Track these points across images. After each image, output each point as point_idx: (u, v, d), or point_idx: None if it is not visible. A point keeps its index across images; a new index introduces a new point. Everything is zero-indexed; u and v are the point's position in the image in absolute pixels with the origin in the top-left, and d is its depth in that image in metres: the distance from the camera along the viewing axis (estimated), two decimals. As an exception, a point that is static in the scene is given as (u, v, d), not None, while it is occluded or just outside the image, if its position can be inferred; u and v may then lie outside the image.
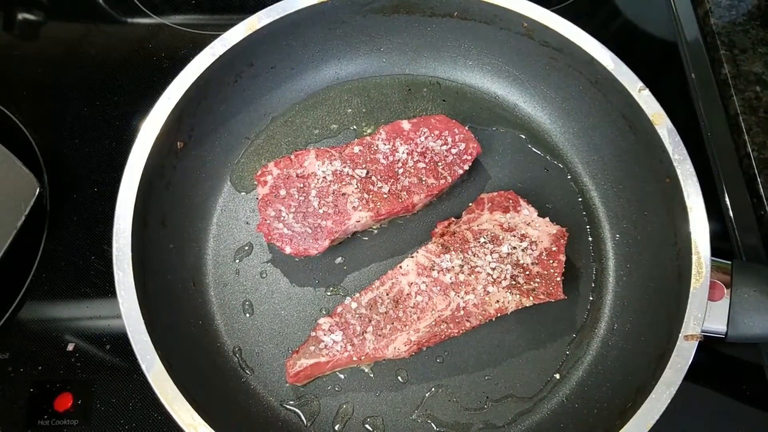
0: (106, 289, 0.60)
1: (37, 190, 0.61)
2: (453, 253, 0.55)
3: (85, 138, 0.67)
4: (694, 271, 0.49)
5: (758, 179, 0.63)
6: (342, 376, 0.56)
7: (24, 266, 0.61)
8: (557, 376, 0.55)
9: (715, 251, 0.50)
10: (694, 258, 0.50)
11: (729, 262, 0.51)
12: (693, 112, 0.68)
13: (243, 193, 0.63)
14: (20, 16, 0.78)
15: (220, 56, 0.58)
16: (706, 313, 0.48)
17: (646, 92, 0.55)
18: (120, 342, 0.58)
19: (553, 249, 0.55)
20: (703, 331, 0.48)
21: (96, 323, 0.59)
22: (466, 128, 0.61)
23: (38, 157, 0.66)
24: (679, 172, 0.52)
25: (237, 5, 0.73)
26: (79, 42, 0.75)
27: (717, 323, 0.49)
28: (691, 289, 0.49)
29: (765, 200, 0.62)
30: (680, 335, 0.47)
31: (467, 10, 0.62)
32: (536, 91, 0.65)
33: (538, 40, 0.61)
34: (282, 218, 0.56)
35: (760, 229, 0.62)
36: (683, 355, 0.47)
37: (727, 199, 0.64)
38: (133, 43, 0.73)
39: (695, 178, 0.52)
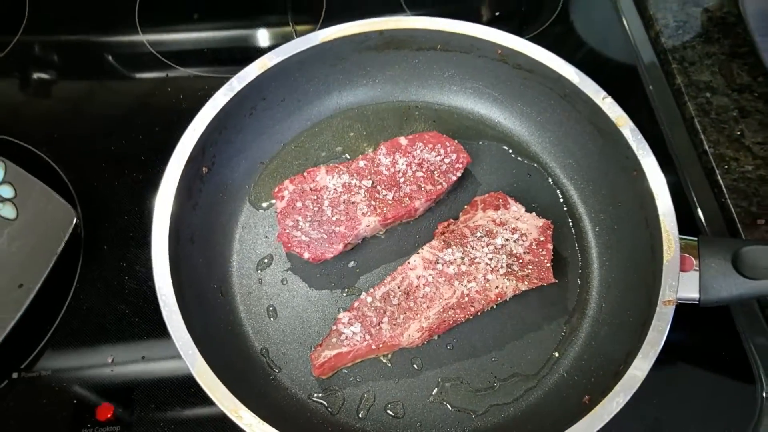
0: (140, 305, 0.66)
1: (75, 220, 0.67)
2: (454, 247, 0.62)
3: (114, 172, 0.74)
4: (665, 248, 0.56)
5: (716, 171, 0.71)
6: (362, 367, 0.61)
7: (63, 289, 0.67)
8: (556, 354, 0.61)
9: (683, 231, 0.58)
10: (664, 236, 0.57)
11: (695, 239, 0.58)
12: (654, 119, 0.77)
13: (261, 211, 0.70)
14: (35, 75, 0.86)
15: (237, 92, 0.66)
16: (679, 281, 0.55)
17: (609, 99, 0.64)
18: (156, 352, 0.63)
19: (541, 239, 0.63)
20: (678, 299, 0.55)
21: (132, 336, 0.64)
22: (456, 141, 0.69)
23: (71, 191, 0.72)
24: (643, 164, 0.60)
25: (239, 57, 0.79)
26: (101, 88, 0.83)
27: (690, 291, 0.56)
28: (665, 262, 0.56)
29: (724, 189, 0.70)
30: (659, 302, 0.54)
31: (448, 43, 0.71)
32: (514, 108, 0.74)
33: (512, 63, 0.70)
34: (299, 227, 0.63)
35: (723, 215, 0.70)
36: (663, 318, 0.53)
37: (692, 192, 0.72)
38: (153, 87, 0.81)
39: (658, 169, 0.60)
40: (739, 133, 0.74)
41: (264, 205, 0.70)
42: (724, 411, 0.60)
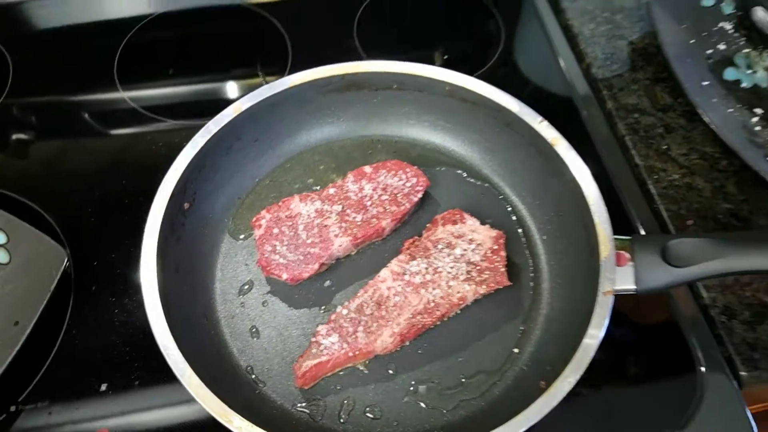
0: (130, 335, 0.70)
1: (65, 260, 0.72)
2: (419, 259, 0.69)
3: (100, 215, 0.79)
4: (602, 247, 0.64)
5: (648, 181, 0.80)
6: (342, 376, 0.66)
7: (57, 324, 0.71)
8: (516, 349, 0.68)
9: (622, 234, 0.65)
10: (600, 238, 0.64)
11: (629, 237, 0.66)
12: (590, 140, 0.86)
13: (240, 241, 0.75)
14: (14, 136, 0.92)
15: (214, 134, 0.73)
16: (616, 275, 0.62)
17: (545, 123, 0.73)
18: (147, 378, 0.67)
19: (495, 248, 0.70)
20: (617, 290, 0.62)
21: (123, 364, 0.68)
22: (416, 167, 0.76)
23: (60, 234, 0.77)
24: (577, 177, 0.68)
25: (215, 107, 0.85)
26: (85, 141, 0.89)
27: (627, 283, 0.63)
28: (602, 259, 0.63)
29: (655, 196, 0.79)
30: (599, 293, 0.61)
31: (403, 83, 0.80)
32: (465, 137, 0.82)
33: (459, 98, 0.78)
34: (277, 251, 0.69)
35: (656, 219, 0.78)
36: (604, 306, 0.60)
37: (628, 201, 0.80)
38: (134, 138, 0.88)
39: (592, 180, 0.68)
40: (665, 147, 0.83)
41: (242, 236, 0.76)
42: (667, 394, 0.66)
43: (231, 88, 0.95)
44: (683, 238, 0.63)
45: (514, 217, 0.77)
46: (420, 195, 0.74)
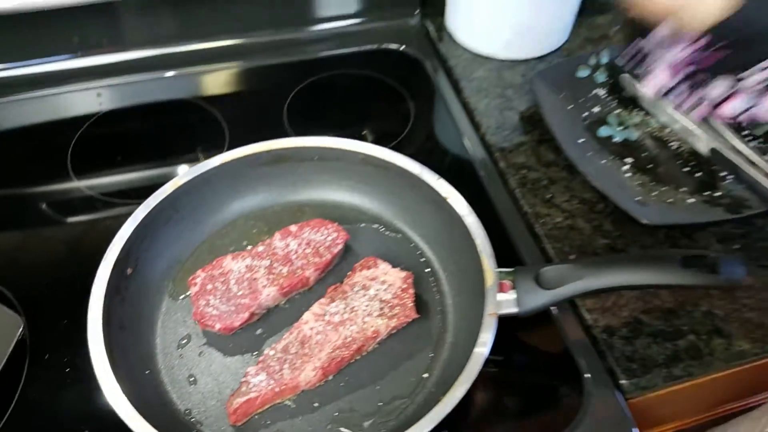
0: (84, 394, 0.77)
1: (20, 327, 0.80)
2: (338, 301, 0.79)
3: (54, 285, 0.87)
4: (487, 278, 0.75)
5: (535, 225, 0.94)
6: (271, 411, 0.74)
7: (12, 387, 0.77)
8: (426, 375, 0.77)
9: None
10: (486, 272, 0.76)
11: (512, 269, 0.78)
12: (486, 195, 0.99)
13: (179, 301, 0.84)
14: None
15: (154, 206, 0.84)
16: (499, 301, 0.73)
17: (441, 181, 0.86)
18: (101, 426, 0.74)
19: (404, 286, 0.81)
20: (502, 314, 0.73)
21: (76, 419, 0.75)
22: (336, 223, 0.88)
23: (16, 305, 0.85)
24: (467, 223, 0.81)
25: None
26: (41, 229, 0.98)
27: (511, 308, 0.74)
28: (487, 288, 0.74)
29: (542, 237, 0.92)
30: (485, 315, 0.72)
31: (323, 155, 0.93)
32: (380, 196, 0.94)
33: (372, 164, 0.91)
34: (211, 304, 0.79)
35: (543, 256, 0.91)
36: (489, 326, 0.71)
37: (518, 242, 0.93)
38: (87, 221, 0.98)
39: (479, 225, 0.80)
40: (550, 195, 0.98)
41: (181, 296, 0.85)
42: (558, 403, 0.76)
43: (176, 170, 1.07)
44: (553, 265, 0.76)
45: (423, 260, 0.89)
46: (340, 247, 0.86)
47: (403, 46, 1.28)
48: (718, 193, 0.96)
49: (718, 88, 0.81)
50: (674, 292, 0.86)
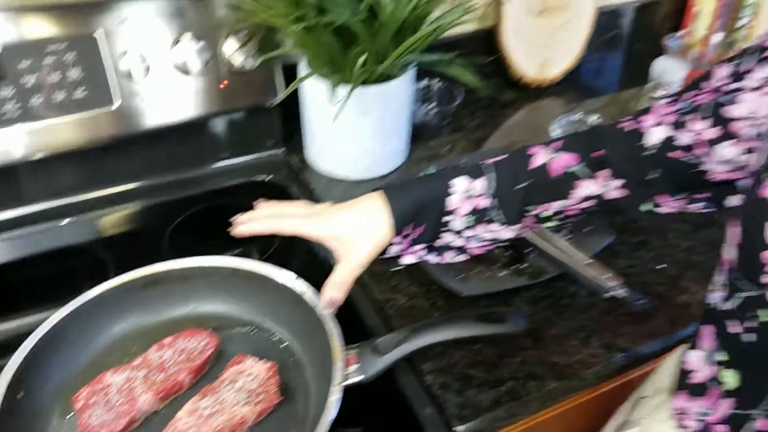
0: None
1: None
2: (209, 396, 0.91)
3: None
4: (335, 357, 0.91)
5: (384, 308, 1.12)
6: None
7: None
8: (292, 449, 0.89)
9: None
10: (334, 352, 0.92)
11: (357, 345, 0.94)
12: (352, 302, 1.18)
13: (66, 419, 0.92)
14: None
15: (41, 337, 0.94)
16: (345, 372, 0.89)
17: (300, 280, 1.03)
18: None
19: (269, 375, 0.94)
20: (349, 383, 0.89)
21: None
22: (208, 330, 1.02)
23: None
24: (319, 313, 0.98)
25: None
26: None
27: (356, 376, 0.90)
28: (336, 364, 0.90)
29: (390, 317, 1.11)
30: (332, 386, 0.87)
31: (193, 273, 1.09)
32: (251, 303, 1.10)
33: (239, 276, 1.08)
34: (93, 415, 0.88)
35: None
36: (335, 394, 0.86)
37: (371, 324, 1.10)
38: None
39: (329, 316, 0.98)
40: (395, 283, 1.18)
41: (69, 415, 0.93)
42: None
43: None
44: (386, 335, 0.93)
45: (288, 351, 1.03)
46: (211, 351, 0.99)
47: (271, 176, 1.51)
48: (525, 265, 1.21)
49: None
50: (495, 347, 1.06)
